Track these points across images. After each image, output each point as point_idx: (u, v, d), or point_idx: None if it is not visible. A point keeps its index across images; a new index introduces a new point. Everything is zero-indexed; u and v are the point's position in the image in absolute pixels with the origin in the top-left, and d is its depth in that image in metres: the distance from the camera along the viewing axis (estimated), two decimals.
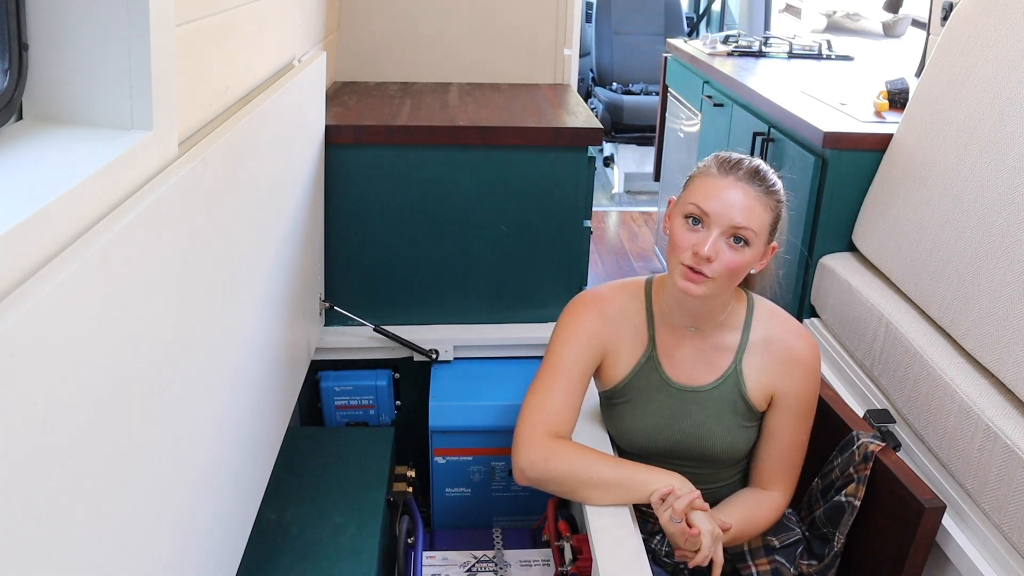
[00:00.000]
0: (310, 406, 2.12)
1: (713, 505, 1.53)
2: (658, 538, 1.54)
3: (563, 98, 2.34)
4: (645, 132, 5.07)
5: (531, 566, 1.85)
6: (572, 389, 1.45)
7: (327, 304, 2.03)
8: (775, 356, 1.46)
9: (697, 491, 1.34)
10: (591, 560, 1.35)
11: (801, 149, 2.14)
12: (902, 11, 7.31)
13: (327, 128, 1.93)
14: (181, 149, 1.07)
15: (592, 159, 2.03)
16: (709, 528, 1.30)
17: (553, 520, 1.71)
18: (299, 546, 1.56)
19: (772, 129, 2.35)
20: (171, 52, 1.00)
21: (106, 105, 0.96)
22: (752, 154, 2.37)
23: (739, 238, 1.32)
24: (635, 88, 5.46)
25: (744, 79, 2.72)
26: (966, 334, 1.54)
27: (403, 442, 2.04)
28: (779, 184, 1.38)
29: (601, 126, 2.03)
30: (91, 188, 0.83)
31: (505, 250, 2.07)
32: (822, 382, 1.57)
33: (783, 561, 1.50)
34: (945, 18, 2.31)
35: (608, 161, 5.56)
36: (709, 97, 2.95)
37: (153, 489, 0.92)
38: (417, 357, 2.07)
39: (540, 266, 2.09)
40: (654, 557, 1.52)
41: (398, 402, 2.15)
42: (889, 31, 11.61)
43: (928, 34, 2.73)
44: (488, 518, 2.07)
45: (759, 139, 2.38)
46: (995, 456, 1.35)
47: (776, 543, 1.50)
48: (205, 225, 1.09)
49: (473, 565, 1.83)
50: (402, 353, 2.07)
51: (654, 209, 4.90)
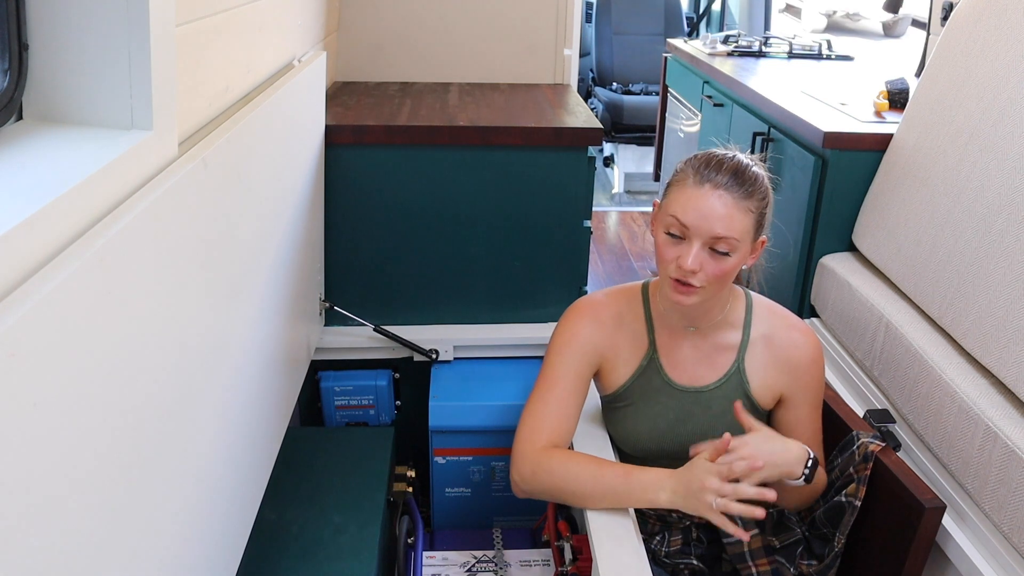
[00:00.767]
0: (310, 406, 2.12)
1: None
2: (658, 538, 1.54)
3: (563, 98, 2.33)
4: (645, 132, 5.07)
5: (531, 566, 1.85)
6: (567, 398, 1.45)
7: (327, 304, 2.03)
8: (778, 353, 1.46)
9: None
10: (591, 560, 1.36)
11: (801, 149, 2.14)
12: (902, 11, 7.31)
13: (327, 128, 1.93)
14: (181, 149, 1.06)
15: (592, 159, 2.03)
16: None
17: (553, 520, 1.71)
18: (299, 546, 1.56)
19: (772, 129, 2.35)
20: (171, 52, 1.00)
21: (106, 105, 0.96)
22: (752, 154, 2.38)
23: (721, 249, 1.31)
24: (635, 88, 5.46)
25: (744, 79, 2.72)
26: (966, 334, 1.54)
27: (403, 442, 2.05)
28: (761, 178, 1.35)
29: (601, 126, 2.03)
30: (91, 188, 0.83)
31: (505, 250, 2.07)
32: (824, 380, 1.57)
33: (783, 561, 1.49)
34: (945, 18, 2.31)
35: (608, 161, 5.56)
36: (709, 97, 2.95)
37: (153, 489, 0.92)
38: (417, 357, 2.07)
39: (540, 266, 2.09)
40: (654, 557, 1.52)
41: (398, 402, 2.15)
42: (889, 31, 11.61)
43: (928, 34, 2.73)
44: (488, 518, 2.07)
45: (759, 139, 2.38)
46: (995, 456, 1.35)
47: (776, 543, 1.50)
48: (205, 225, 1.09)
49: (473, 565, 1.83)
50: (402, 353, 2.07)
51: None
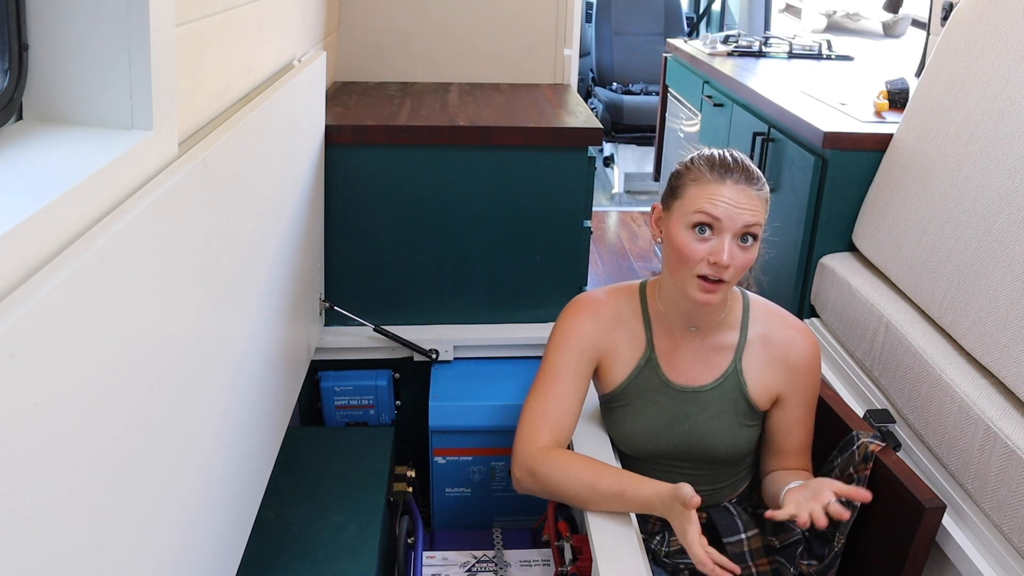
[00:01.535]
0: (310, 406, 2.12)
1: (715, 505, 1.53)
2: (658, 538, 1.54)
3: (563, 98, 2.34)
4: (645, 132, 5.07)
5: (531, 566, 1.85)
6: (567, 394, 1.45)
7: (327, 304, 2.03)
8: (775, 353, 1.46)
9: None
10: (591, 560, 1.36)
11: (801, 149, 2.14)
12: (902, 11, 7.31)
13: (327, 128, 1.93)
14: (181, 149, 1.06)
15: (592, 159, 2.03)
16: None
17: (553, 520, 1.71)
18: (299, 546, 1.56)
19: (772, 129, 2.35)
20: (171, 52, 1.00)
21: (106, 105, 0.96)
22: (752, 154, 2.39)
23: (747, 236, 1.32)
24: (635, 88, 5.46)
25: (744, 79, 2.72)
26: (966, 334, 1.54)
27: (403, 442, 2.05)
28: (761, 175, 1.38)
29: (601, 126, 2.03)
30: (91, 188, 0.83)
31: (505, 250, 2.07)
32: (822, 383, 1.57)
33: (783, 561, 1.50)
34: (945, 18, 2.31)
35: (608, 161, 5.56)
36: (709, 97, 2.95)
37: (153, 489, 0.92)
38: (417, 357, 2.07)
39: (540, 266, 2.09)
40: (654, 557, 1.52)
41: (398, 402, 2.15)
42: (889, 31, 11.61)
43: (928, 34, 2.73)
44: (488, 518, 2.07)
45: (759, 139, 2.38)
46: (995, 456, 1.35)
47: (776, 543, 1.50)
48: (205, 225, 1.09)
49: (473, 565, 1.83)
50: (402, 353, 2.07)
51: None
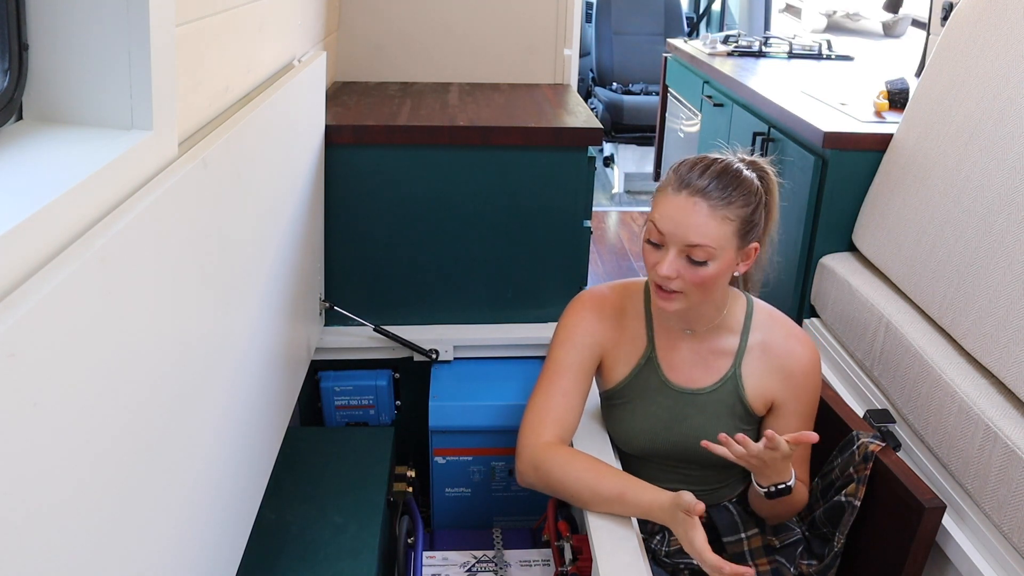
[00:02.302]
0: (310, 406, 2.12)
1: (712, 505, 1.53)
2: (658, 538, 1.54)
3: (563, 98, 2.33)
4: (645, 132, 5.07)
5: (531, 566, 1.85)
6: (571, 390, 1.46)
7: (327, 304, 2.03)
8: (774, 362, 1.46)
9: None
10: (591, 560, 1.36)
11: (801, 149, 2.14)
12: (902, 11, 7.30)
13: (327, 128, 1.93)
14: (181, 149, 1.06)
15: (592, 159, 2.03)
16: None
17: (553, 520, 1.71)
18: (299, 546, 1.56)
19: (772, 129, 2.35)
20: (171, 52, 1.00)
21: (106, 105, 0.96)
22: (752, 154, 2.38)
23: (697, 257, 1.30)
24: (635, 88, 5.46)
25: (744, 79, 2.72)
26: (966, 334, 1.54)
27: (403, 442, 2.04)
28: (748, 182, 1.33)
29: (601, 126, 2.03)
30: (91, 188, 0.83)
31: (505, 250, 2.07)
32: (822, 383, 1.57)
33: (783, 561, 1.50)
34: (945, 18, 2.31)
35: (608, 161, 5.56)
36: (709, 97, 2.95)
37: (153, 489, 0.92)
38: (417, 357, 2.07)
39: (540, 266, 2.09)
40: (654, 557, 1.52)
41: (398, 402, 2.15)
42: (889, 31, 11.61)
43: (928, 34, 2.74)
44: (488, 518, 2.07)
45: (759, 139, 2.38)
46: (995, 456, 1.35)
47: (776, 543, 1.50)
48: (205, 225, 1.09)
49: (473, 565, 1.83)
50: (402, 353, 2.07)
51: None
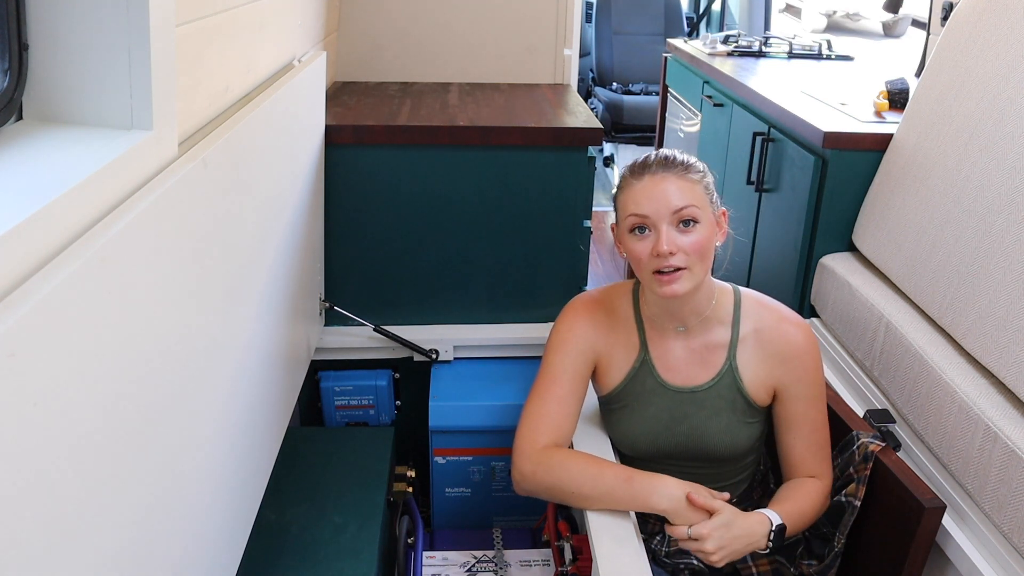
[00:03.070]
0: (310, 406, 2.12)
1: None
2: (658, 538, 1.54)
3: (563, 98, 2.34)
4: (645, 132, 5.07)
5: (531, 566, 1.85)
6: (566, 396, 1.46)
7: (327, 304, 2.03)
8: (769, 347, 1.45)
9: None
10: (591, 560, 1.35)
11: (801, 149, 2.14)
12: (902, 11, 7.31)
13: (327, 128, 1.93)
14: (181, 149, 1.06)
15: (592, 159, 2.03)
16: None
17: (553, 520, 1.71)
18: (299, 546, 1.56)
19: (772, 129, 2.35)
20: (171, 52, 1.00)
21: (106, 105, 0.96)
22: (751, 154, 2.39)
23: (686, 220, 1.33)
24: (635, 88, 5.46)
25: (744, 79, 2.72)
26: (966, 334, 1.54)
27: (403, 442, 2.05)
28: (692, 159, 1.39)
29: (601, 126, 2.03)
30: (91, 188, 0.83)
31: (505, 250, 2.07)
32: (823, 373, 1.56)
33: (783, 561, 1.50)
34: (945, 18, 2.31)
35: (608, 161, 5.55)
36: (709, 97, 2.95)
37: (153, 489, 0.92)
38: (417, 357, 2.07)
39: (540, 266, 2.09)
40: (654, 557, 1.52)
41: (398, 402, 2.15)
42: (889, 31, 11.61)
43: (928, 34, 2.73)
44: (488, 518, 2.07)
45: (759, 139, 2.38)
46: (995, 456, 1.35)
47: None
48: (205, 225, 1.09)
49: (473, 565, 1.83)
50: (402, 353, 2.07)
51: None
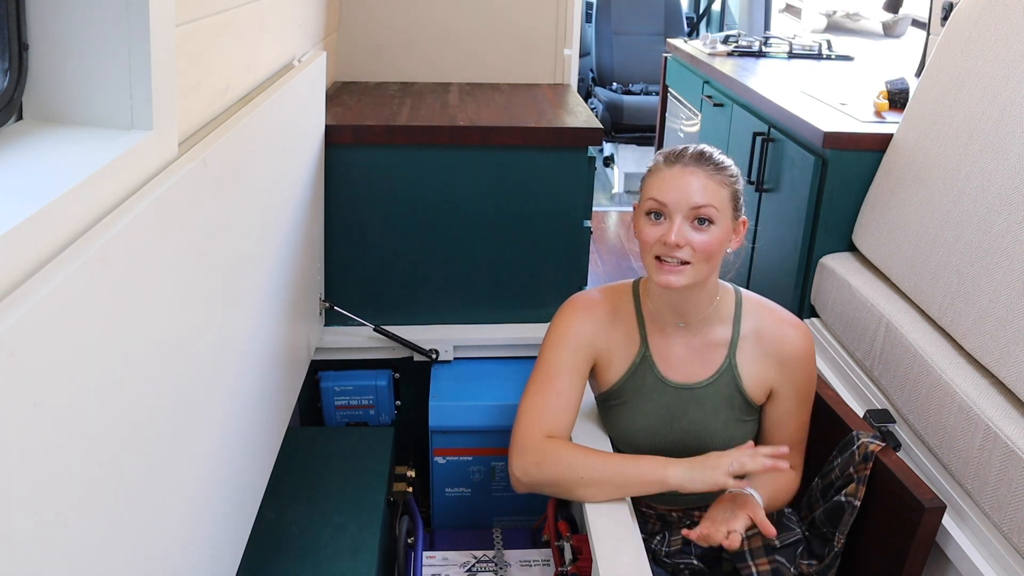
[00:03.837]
0: (310, 406, 2.12)
1: (712, 499, 1.53)
2: (658, 538, 1.54)
3: (563, 98, 2.34)
4: (645, 132, 5.07)
5: (531, 566, 1.85)
6: (565, 391, 1.46)
7: (327, 304, 2.03)
8: (768, 348, 1.46)
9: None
10: (591, 560, 1.35)
11: (801, 149, 2.14)
12: (902, 11, 7.30)
13: (327, 128, 1.93)
14: (181, 149, 1.06)
15: (592, 159, 2.03)
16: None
17: (553, 520, 1.71)
18: (299, 546, 1.56)
19: (772, 129, 2.35)
20: (171, 52, 1.00)
21: (106, 105, 0.96)
22: (752, 154, 2.39)
23: (702, 219, 1.33)
24: (635, 88, 5.46)
25: (744, 79, 2.72)
26: (966, 334, 1.54)
27: (403, 442, 2.05)
28: (728, 161, 1.39)
29: (601, 126, 2.03)
30: (91, 188, 0.83)
31: (505, 250, 2.07)
32: (822, 382, 1.57)
33: (783, 561, 1.50)
34: (945, 18, 2.31)
35: (608, 161, 5.56)
36: (709, 97, 2.95)
37: (153, 489, 0.92)
38: (417, 357, 2.07)
39: (540, 266, 2.09)
40: (654, 557, 1.52)
41: (398, 402, 2.15)
42: (889, 31, 11.61)
43: (928, 34, 2.73)
44: (488, 518, 2.07)
45: (759, 139, 2.38)
46: (995, 456, 1.35)
47: (776, 543, 1.50)
48: (205, 225, 1.09)
49: (473, 565, 1.83)
50: (402, 353, 2.07)
51: None
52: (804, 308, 2.13)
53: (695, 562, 1.53)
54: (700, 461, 1.34)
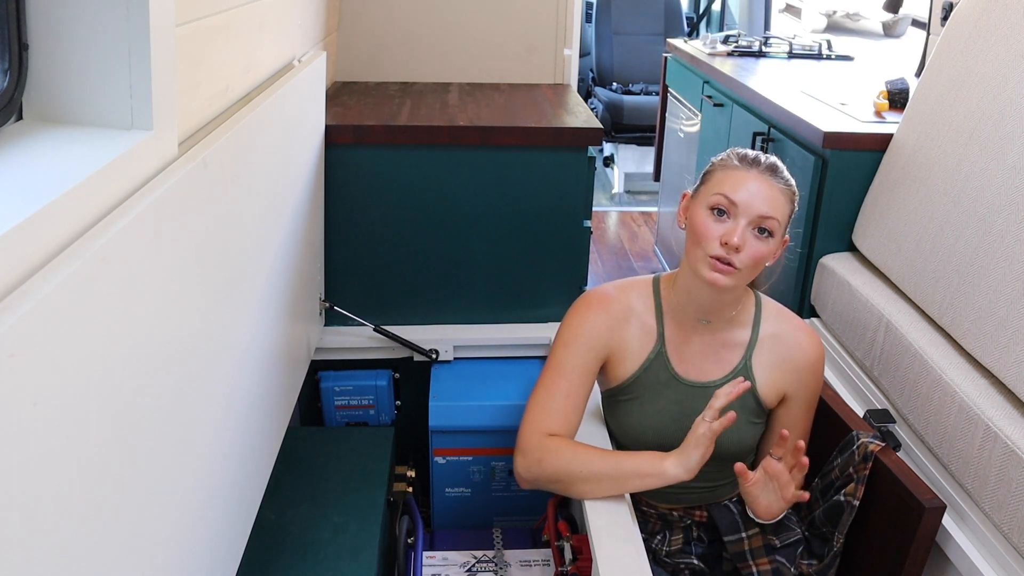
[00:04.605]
0: (310, 406, 2.12)
1: (713, 504, 1.54)
2: (658, 538, 1.54)
3: (563, 98, 2.34)
4: (645, 132, 5.07)
5: (531, 566, 1.84)
6: (574, 391, 1.46)
7: (327, 304, 2.03)
8: (785, 353, 1.47)
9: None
10: (591, 560, 1.36)
11: (801, 149, 2.14)
12: (902, 11, 7.30)
13: (327, 128, 1.93)
14: (181, 149, 1.06)
15: (592, 159, 2.03)
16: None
17: (553, 520, 1.71)
18: (299, 546, 1.56)
19: (772, 129, 2.35)
20: (171, 52, 1.00)
21: (106, 105, 0.96)
22: None
23: (764, 229, 1.35)
24: (635, 88, 5.46)
25: (744, 79, 2.72)
26: (966, 334, 1.54)
27: (403, 442, 2.04)
28: (792, 180, 1.42)
29: (601, 126, 2.03)
30: (91, 188, 0.83)
31: (505, 250, 2.07)
32: (823, 382, 1.57)
33: (783, 561, 1.50)
34: (945, 18, 2.31)
35: (608, 161, 5.56)
36: (709, 97, 2.95)
37: (153, 489, 0.92)
38: (417, 357, 2.07)
39: (540, 266, 2.09)
40: (654, 557, 1.52)
41: (398, 402, 2.15)
42: (889, 31, 11.61)
43: (928, 34, 2.74)
44: (488, 518, 2.07)
45: (759, 139, 2.38)
46: (995, 456, 1.35)
47: (776, 543, 1.50)
48: (205, 225, 1.09)
49: (473, 565, 1.83)
50: (402, 353, 2.07)
51: (654, 209, 4.90)
52: (804, 308, 2.13)
53: (695, 562, 1.53)
54: (683, 448, 1.35)
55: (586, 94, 5.79)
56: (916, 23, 9.35)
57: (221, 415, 1.18)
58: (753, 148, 2.37)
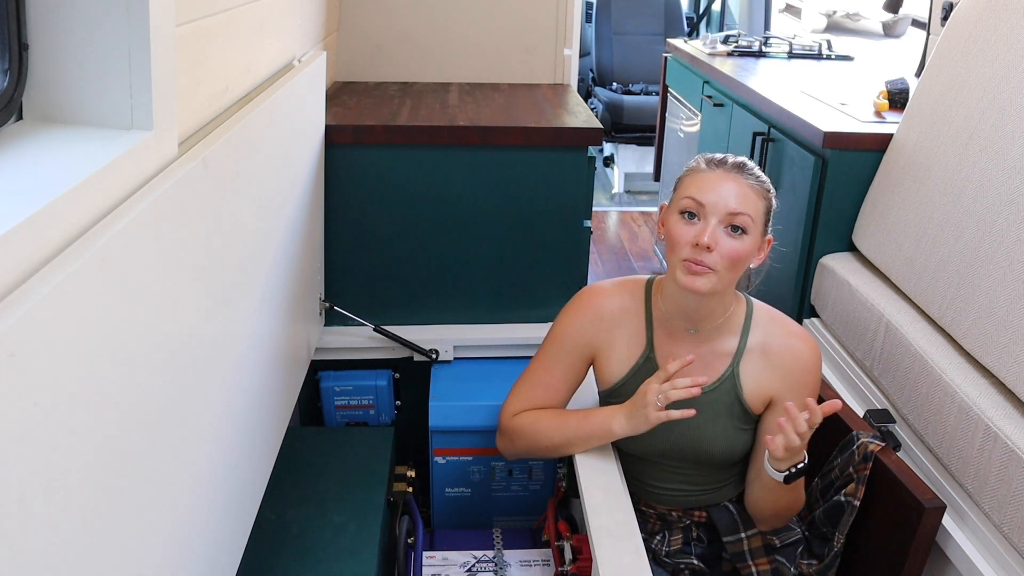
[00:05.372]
0: (310, 406, 2.12)
1: (712, 505, 1.53)
2: (658, 538, 1.54)
3: (563, 98, 2.33)
4: (645, 132, 5.07)
5: (531, 566, 1.84)
6: (554, 384, 1.53)
7: (327, 304, 2.03)
8: (775, 359, 1.46)
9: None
10: (591, 560, 1.36)
11: (801, 149, 2.14)
12: (902, 11, 7.31)
13: (327, 128, 1.93)
14: (181, 149, 1.06)
15: (592, 159, 2.03)
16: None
17: (553, 520, 1.71)
18: (299, 546, 1.56)
19: (772, 129, 2.35)
20: (171, 52, 1.00)
21: (106, 105, 0.96)
22: (752, 154, 2.39)
23: (736, 226, 1.34)
24: (635, 88, 5.46)
25: (744, 79, 2.72)
26: (966, 334, 1.54)
27: (403, 442, 2.04)
28: (764, 176, 1.41)
29: (601, 126, 2.03)
30: (91, 188, 0.83)
31: (505, 250, 2.07)
32: (822, 382, 1.56)
33: (783, 561, 1.50)
34: (945, 18, 2.31)
35: (608, 161, 5.56)
36: (709, 97, 2.95)
37: (153, 489, 0.92)
38: (417, 357, 2.07)
39: (540, 266, 2.09)
40: (654, 557, 1.52)
41: (398, 402, 2.15)
42: (889, 31, 11.62)
43: (928, 34, 2.74)
44: (488, 518, 2.07)
45: (759, 139, 2.38)
46: (995, 456, 1.35)
47: (776, 543, 1.50)
48: (205, 225, 1.09)
49: (473, 565, 1.83)
50: (402, 353, 2.07)
51: (654, 209, 4.90)
52: (804, 308, 2.13)
53: (695, 562, 1.53)
54: (632, 403, 1.41)
55: (586, 94, 5.79)
56: (916, 23, 9.35)
57: (221, 415, 1.18)
58: (753, 148, 2.38)
